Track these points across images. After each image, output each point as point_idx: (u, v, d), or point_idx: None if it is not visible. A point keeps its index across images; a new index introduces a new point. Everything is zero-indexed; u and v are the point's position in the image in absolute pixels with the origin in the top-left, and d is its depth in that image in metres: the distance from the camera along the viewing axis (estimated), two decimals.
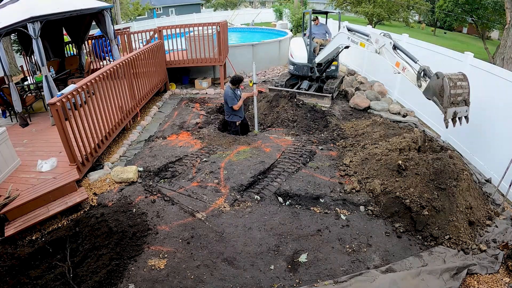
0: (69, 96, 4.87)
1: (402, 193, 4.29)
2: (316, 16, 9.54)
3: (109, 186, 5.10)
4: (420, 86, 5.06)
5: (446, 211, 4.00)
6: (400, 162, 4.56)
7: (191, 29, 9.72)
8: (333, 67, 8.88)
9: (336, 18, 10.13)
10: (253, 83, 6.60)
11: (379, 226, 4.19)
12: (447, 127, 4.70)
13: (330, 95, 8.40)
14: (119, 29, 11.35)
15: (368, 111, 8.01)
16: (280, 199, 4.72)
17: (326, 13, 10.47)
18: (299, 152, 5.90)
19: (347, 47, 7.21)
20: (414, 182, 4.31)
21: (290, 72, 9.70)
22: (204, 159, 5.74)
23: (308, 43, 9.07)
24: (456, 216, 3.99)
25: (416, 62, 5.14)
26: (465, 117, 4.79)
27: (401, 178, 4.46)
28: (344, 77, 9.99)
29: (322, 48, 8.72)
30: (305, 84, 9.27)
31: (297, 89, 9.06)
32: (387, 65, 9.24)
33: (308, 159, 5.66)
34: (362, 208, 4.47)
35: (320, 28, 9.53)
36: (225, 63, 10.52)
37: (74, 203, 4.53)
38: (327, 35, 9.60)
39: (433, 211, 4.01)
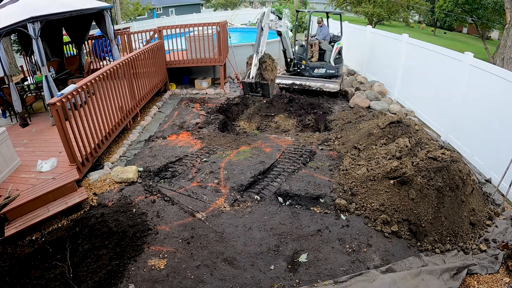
0: (69, 96, 4.87)
1: (409, 216, 4.09)
2: (322, 18, 9.61)
3: (109, 186, 5.10)
4: None
5: (449, 221, 3.97)
6: (392, 182, 4.44)
7: (191, 29, 9.71)
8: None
9: (337, 18, 10.15)
10: None
11: None
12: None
13: (340, 80, 8.82)
14: (119, 29, 11.35)
15: (368, 111, 8.00)
16: (280, 199, 4.72)
17: (327, 13, 10.38)
18: (299, 152, 5.90)
19: (279, 34, 8.23)
20: (417, 201, 4.10)
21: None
22: (204, 159, 5.74)
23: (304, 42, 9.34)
24: (459, 225, 3.96)
25: None
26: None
27: (402, 196, 4.26)
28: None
29: (322, 50, 9.17)
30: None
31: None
32: (387, 65, 9.28)
33: (308, 159, 5.66)
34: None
35: (323, 29, 9.50)
36: (225, 63, 10.52)
37: (74, 203, 4.53)
38: (327, 36, 9.57)
39: (435, 223, 3.97)
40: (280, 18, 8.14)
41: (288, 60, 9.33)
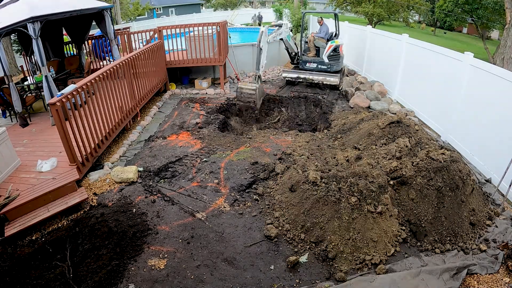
0: (69, 96, 4.88)
1: (409, 216, 4.09)
2: (321, 17, 10.32)
3: (109, 186, 5.10)
4: None
5: (449, 221, 3.97)
6: (392, 182, 4.47)
7: (191, 29, 9.72)
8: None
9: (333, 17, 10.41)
10: None
11: None
12: None
13: (339, 74, 9.48)
14: (119, 29, 11.35)
15: (368, 111, 7.99)
16: None
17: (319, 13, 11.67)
18: None
19: (281, 39, 9.27)
20: (417, 201, 4.10)
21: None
22: (204, 159, 5.74)
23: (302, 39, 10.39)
24: (459, 225, 3.96)
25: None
26: None
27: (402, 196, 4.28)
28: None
29: (318, 47, 9.85)
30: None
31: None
32: (387, 65, 9.28)
33: None
34: None
35: (322, 28, 10.10)
36: (225, 63, 10.52)
37: (74, 203, 4.52)
38: (327, 34, 10.04)
39: (435, 223, 3.96)
40: (280, 26, 8.97)
41: (292, 54, 10.23)
